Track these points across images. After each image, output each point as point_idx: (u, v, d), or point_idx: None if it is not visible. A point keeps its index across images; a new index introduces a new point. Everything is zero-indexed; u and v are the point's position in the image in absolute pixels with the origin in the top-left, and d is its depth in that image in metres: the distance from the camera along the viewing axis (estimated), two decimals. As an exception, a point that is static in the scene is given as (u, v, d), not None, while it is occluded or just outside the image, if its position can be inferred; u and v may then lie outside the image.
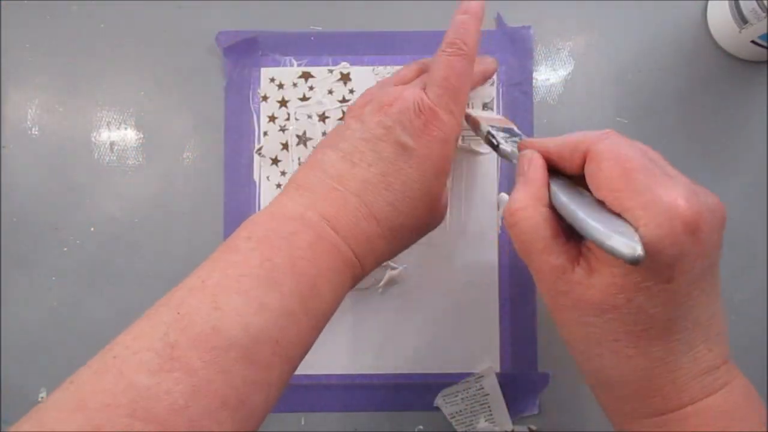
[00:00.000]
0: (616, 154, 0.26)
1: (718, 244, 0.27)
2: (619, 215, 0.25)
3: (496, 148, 0.34)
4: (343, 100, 0.42)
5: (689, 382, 0.26)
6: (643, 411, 0.27)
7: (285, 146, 0.42)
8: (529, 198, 0.28)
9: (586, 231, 0.26)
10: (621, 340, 0.26)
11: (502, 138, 0.34)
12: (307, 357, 0.41)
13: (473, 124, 0.37)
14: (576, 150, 0.28)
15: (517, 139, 0.34)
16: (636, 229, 0.25)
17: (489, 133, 0.35)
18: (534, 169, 0.29)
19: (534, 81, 0.42)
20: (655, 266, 0.25)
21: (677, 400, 0.26)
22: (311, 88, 0.42)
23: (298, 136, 0.42)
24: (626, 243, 0.24)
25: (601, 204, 0.26)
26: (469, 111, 0.38)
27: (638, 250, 0.24)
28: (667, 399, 0.26)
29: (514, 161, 0.32)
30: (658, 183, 0.25)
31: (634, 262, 0.24)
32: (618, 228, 0.25)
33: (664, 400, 0.26)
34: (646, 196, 0.25)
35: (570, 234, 0.28)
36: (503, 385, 0.40)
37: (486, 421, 0.40)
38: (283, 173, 0.42)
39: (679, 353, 0.26)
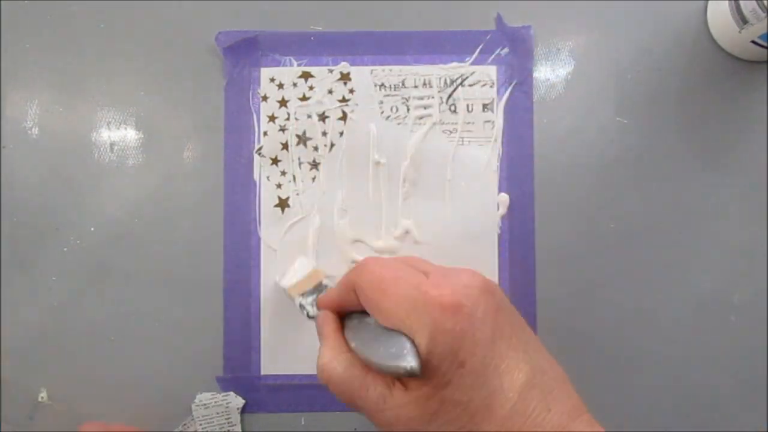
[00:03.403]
0: (372, 278, 0.28)
1: (494, 309, 0.27)
2: (398, 331, 0.27)
3: (309, 317, 0.36)
4: (343, 100, 0.42)
5: None
6: None
7: (285, 146, 0.42)
8: (330, 351, 0.30)
9: (372, 364, 0.27)
10: None
11: (311, 305, 0.36)
12: (307, 357, 0.41)
13: (289, 295, 0.38)
14: (349, 290, 0.30)
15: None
16: (413, 341, 0.26)
17: (300, 305, 0.37)
18: (326, 324, 0.31)
19: (534, 81, 0.42)
20: (440, 359, 0.25)
21: None
22: (311, 88, 0.42)
23: (298, 136, 0.42)
24: (399, 362, 0.25)
25: (381, 330, 0.28)
26: (281, 282, 0.39)
27: (411, 363, 0.25)
28: None
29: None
30: (411, 286, 0.27)
31: (413, 374, 0.25)
32: (397, 348, 0.26)
33: None
34: (404, 305, 0.26)
35: None
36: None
37: None
38: (283, 173, 0.42)
39: (515, 426, 0.25)
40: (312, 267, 0.40)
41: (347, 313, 0.32)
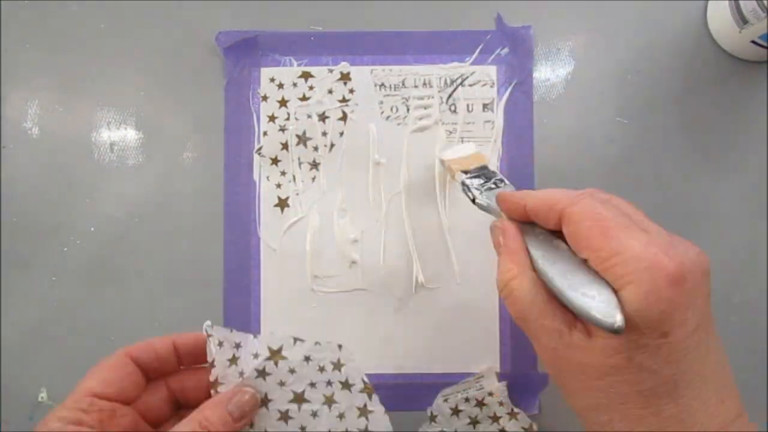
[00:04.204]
0: (591, 214, 0.27)
1: (706, 294, 0.27)
2: (599, 275, 0.26)
3: (472, 201, 0.34)
4: (343, 100, 0.42)
5: None
6: None
7: (285, 146, 0.42)
8: (516, 266, 0.28)
9: (567, 301, 0.26)
10: (629, 402, 0.26)
11: (477, 189, 0.34)
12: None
13: (449, 171, 0.37)
14: (551, 210, 0.28)
15: (491, 185, 0.34)
16: (617, 292, 0.25)
17: (463, 184, 0.35)
18: (511, 237, 0.30)
19: (534, 81, 0.42)
20: (647, 322, 0.25)
21: None
22: (311, 87, 0.42)
23: (298, 136, 0.42)
24: (605, 312, 0.24)
25: (581, 261, 0.27)
26: (443, 154, 0.39)
27: (617, 320, 0.24)
28: None
29: (493, 214, 0.32)
30: (637, 239, 0.25)
31: (615, 331, 0.24)
32: (598, 294, 0.25)
33: None
34: (626, 254, 0.25)
35: None
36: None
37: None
38: (283, 173, 0.42)
39: (692, 409, 0.26)
40: (476, 150, 0.39)
41: (527, 222, 0.30)
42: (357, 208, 0.42)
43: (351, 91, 0.42)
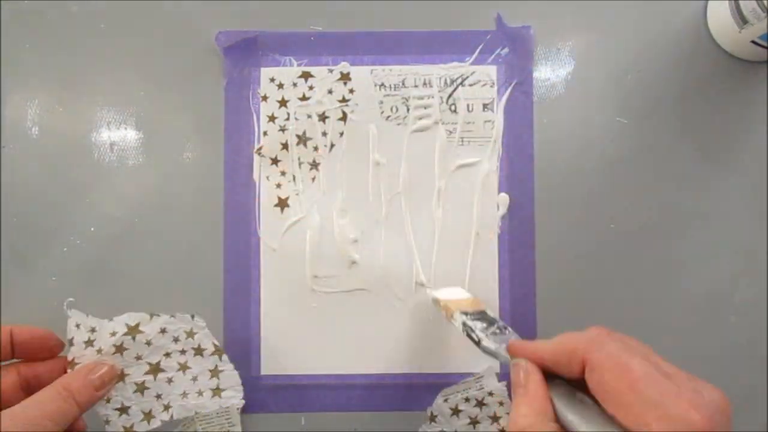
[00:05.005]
0: (617, 363, 0.26)
1: None
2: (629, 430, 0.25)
3: (477, 343, 0.33)
4: (343, 100, 0.42)
5: None
6: None
7: (285, 146, 0.42)
8: (534, 414, 0.27)
9: None
10: None
11: (481, 332, 0.33)
12: (307, 357, 0.41)
13: (445, 311, 0.36)
14: (573, 356, 0.27)
15: (495, 330, 0.33)
16: None
17: (465, 325, 0.34)
18: (534, 383, 0.28)
19: (534, 81, 0.42)
20: None
21: None
22: (311, 87, 0.42)
23: (298, 136, 0.42)
24: None
25: (608, 417, 0.26)
26: (436, 294, 0.38)
27: None
28: None
29: (501, 360, 0.31)
30: (666, 394, 0.25)
31: None
32: None
33: None
34: (658, 411, 0.24)
35: None
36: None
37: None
38: (283, 173, 0.42)
39: None
40: (471, 296, 0.38)
41: (548, 374, 0.29)
42: (357, 208, 0.42)
43: (351, 91, 0.42)
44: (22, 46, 0.43)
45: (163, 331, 0.35)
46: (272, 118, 0.42)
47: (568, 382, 0.28)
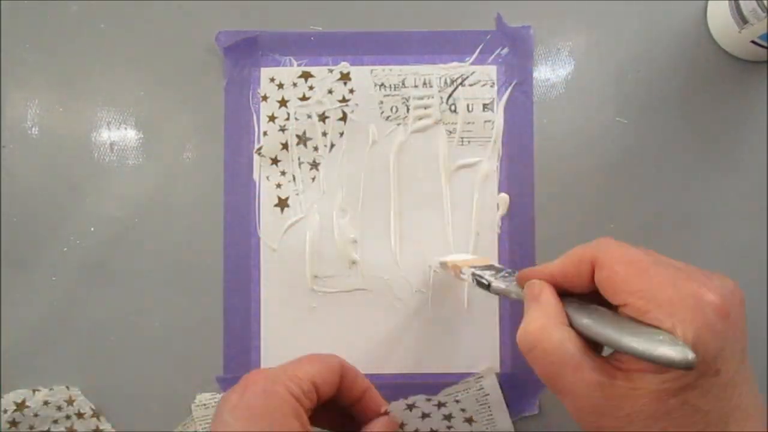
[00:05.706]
0: (625, 256, 0.26)
1: (744, 325, 0.26)
2: (643, 323, 0.24)
3: (488, 287, 0.32)
4: (343, 100, 0.42)
5: None
6: None
7: (285, 146, 0.42)
8: (545, 318, 0.27)
9: (625, 346, 0.24)
10: None
11: (490, 276, 0.33)
12: (307, 357, 0.41)
13: (454, 270, 0.36)
14: (581, 262, 0.27)
15: (504, 274, 0.33)
16: (671, 332, 0.24)
17: (474, 274, 0.34)
18: (546, 294, 0.28)
19: (534, 81, 0.42)
20: (703, 359, 0.24)
21: None
22: (311, 87, 0.42)
23: (298, 136, 0.42)
24: (675, 350, 0.23)
25: (621, 316, 0.26)
26: (446, 259, 0.39)
27: (689, 355, 0.23)
28: None
29: (513, 296, 0.31)
30: (676, 277, 0.24)
31: (689, 366, 0.23)
32: (654, 336, 0.24)
33: None
34: (670, 293, 0.24)
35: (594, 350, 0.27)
36: (503, 385, 0.40)
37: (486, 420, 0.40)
38: (283, 173, 0.42)
39: None
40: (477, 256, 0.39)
41: (562, 295, 0.28)
42: (357, 208, 0.42)
43: (351, 91, 0.42)
44: (22, 46, 0.43)
45: (45, 402, 0.40)
46: (272, 118, 0.42)
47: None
